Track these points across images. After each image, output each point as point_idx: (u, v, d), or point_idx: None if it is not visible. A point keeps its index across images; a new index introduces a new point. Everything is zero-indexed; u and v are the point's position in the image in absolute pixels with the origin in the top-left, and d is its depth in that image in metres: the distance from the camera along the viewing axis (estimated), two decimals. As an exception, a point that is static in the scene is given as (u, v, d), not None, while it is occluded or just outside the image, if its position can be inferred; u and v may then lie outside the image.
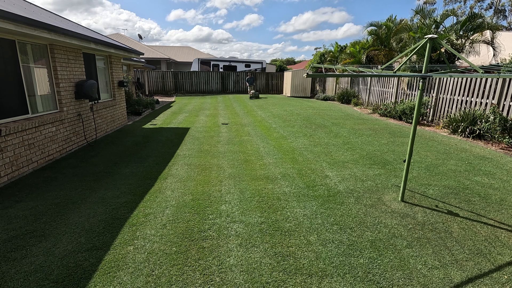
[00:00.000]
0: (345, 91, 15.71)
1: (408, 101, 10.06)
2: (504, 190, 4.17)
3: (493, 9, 30.78)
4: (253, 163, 5.39)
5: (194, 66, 24.90)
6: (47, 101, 5.71)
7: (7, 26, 3.95)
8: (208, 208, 3.59)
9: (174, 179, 4.55)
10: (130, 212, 3.45)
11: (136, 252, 2.71)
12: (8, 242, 2.85)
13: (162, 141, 7.13)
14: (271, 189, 4.17)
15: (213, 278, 2.40)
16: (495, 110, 6.98)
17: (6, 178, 4.37)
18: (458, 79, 8.42)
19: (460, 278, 2.43)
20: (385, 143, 6.80)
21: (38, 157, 5.11)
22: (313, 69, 18.59)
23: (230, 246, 2.81)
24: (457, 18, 10.87)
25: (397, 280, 2.40)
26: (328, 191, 4.11)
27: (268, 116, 11.09)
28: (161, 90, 22.38)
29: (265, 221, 3.29)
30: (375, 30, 14.92)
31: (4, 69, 4.56)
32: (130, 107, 11.63)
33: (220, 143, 6.86)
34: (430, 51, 3.27)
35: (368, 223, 3.27)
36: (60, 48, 5.88)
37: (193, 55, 32.62)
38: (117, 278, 2.38)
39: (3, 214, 3.40)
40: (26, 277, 2.38)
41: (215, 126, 9.10)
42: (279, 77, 23.89)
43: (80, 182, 4.43)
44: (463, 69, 4.78)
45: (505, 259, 2.68)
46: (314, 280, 2.38)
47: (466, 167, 5.14)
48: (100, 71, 8.12)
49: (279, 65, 30.78)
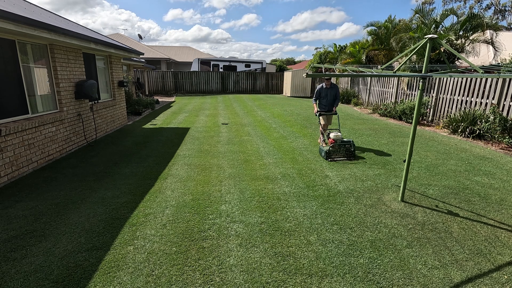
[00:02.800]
0: (345, 91, 15.71)
1: (408, 101, 10.06)
2: (504, 190, 4.17)
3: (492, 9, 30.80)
4: (253, 163, 5.39)
5: (194, 66, 24.89)
6: (47, 101, 5.71)
7: (7, 26, 3.95)
8: (208, 208, 3.59)
9: (174, 179, 4.55)
10: (130, 212, 3.45)
11: (136, 252, 2.71)
12: (8, 242, 2.85)
13: (162, 141, 7.13)
14: (271, 189, 4.17)
15: (213, 278, 2.40)
16: (495, 110, 6.98)
17: (6, 178, 4.36)
18: (458, 79, 8.42)
19: (460, 278, 2.43)
20: (385, 143, 6.80)
21: (38, 157, 5.11)
22: (313, 69, 18.61)
23: (230, 246, 2.81)
24: (457, 17, 10.86)
25: (397, 280, 2.40)
26: (328, 191, 4.11)
27: (268, 116, 11.09)
28: (161, 90, 22.37)
29: (265, 221, 3.29)
30: (374, 30, 14.92)
31: (4, 69, 4.56)
32: (130, 107, 11.63)
33: (220, 143, 6.86)
34: (430, 51, 3.27)
35: (368, 223, 3.27)
36: (60, 48, 5.88)
37: (193, 55, 32.62)
38: (117, 278, 2.38)
39: (3, 214, 3.40)
40: (26, 277, 2.38)
41: (215, 126, 9.10)
42: (279, 77, 23.89)
43: (80, 182, 4.43)
44: (463, 69, 4.78)
45: (505, 259, 2.68)
46: (314, 280, 2.38)
47: (466, 167, 5.14)
48: (100, 71, 8.12)
49: (279, 65, 30.75)
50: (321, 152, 5.67)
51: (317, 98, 6.30)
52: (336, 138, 5.61)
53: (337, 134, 5.62)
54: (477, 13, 10.11)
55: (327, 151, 5.45)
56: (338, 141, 5.59)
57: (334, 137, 5.62)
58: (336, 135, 5.61)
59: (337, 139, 5.61)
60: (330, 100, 6.22)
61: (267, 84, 23.96)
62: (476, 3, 31.03)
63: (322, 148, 5.70)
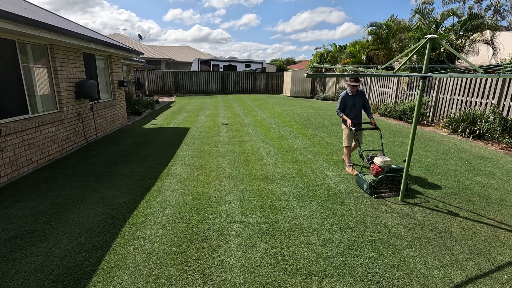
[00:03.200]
0: (345, 91, 15.69)
1: (408, 101, 10.06)
2: (504, 190, 4.17)
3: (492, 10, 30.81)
4: (253, 163, 5.39)
5: (194, 66, 24.90)
6: (47, 101, 5.71)
7: (7, 26, 3.95)
8: (208, 208, 3.59)
9: (174, 179, 4.55)
10: (130, 212, 3.45)
11: (136, 252, 2.71)
12: (8, 242, 2.85)
13: (162, 141, 7.13)
14: (271, 189, 4.17)
15: (213, 278, 2.40)
16: (495, 110, 6.98)
17: (6, 178, 4.36)
18: (458, 79, 8.42)
19: (460, 278, 2.43)
20: (385, 143, 6.80)
21: (38, 157, 5.11)
22: (313, 69, 18.60)
23: (230, 246, 2.81)
24: (458, 18, 10.87)
25: (397, 280, 2.40)
26: (328, 191, 4.11)
27: (268, 116, 11.09)
28: (161, 90, 22.37)
29: (265, 221, 3.29)
30: (375, 30, 14.92)
31: (4, 69, 4.56)
32: (130, 107, 11.63)
33: (220, 143, 6.86)
34: (430, 51, 3.27)
35: (368, 223, 3.27)
36: (60, 48, 5.88)
37: (193, 55, 32.62)
38: (117, 278, 2.38)
39: (3, 214, 3.40)
40: (26, 277, 2.38)
41: (215, 126, 9.10)
42: (279, 77, 23.89)
43: (80, 182, 4.43)
44: (463, 69, 4.78)
45: (505, 259, 2.68)
46: (314, 280, 2.38)
47: (466, 167, 5.14)
48: (100, 71, 8.12)
49: (279, 65, 30.77)
50: (362, 183, 4.14)
51: (343, 109, 4.91)
52: (384, 165, 4.01)
53: (386, 160, 4.02)
54: (477, 13, 10.13)
55: (372, 184, 3.93)
56: (386, 168, 4.05)
57: (382, 163, 4.01)
58: (384, 160, 4.02)
59: (386, 166, 4.03)
60: (359, 110, 4.95)
61: (267, 84, 23.96)
62: (475, 3, 31.04)
63: (362, 178, 4.11)
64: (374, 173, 4.09)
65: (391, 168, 4.11)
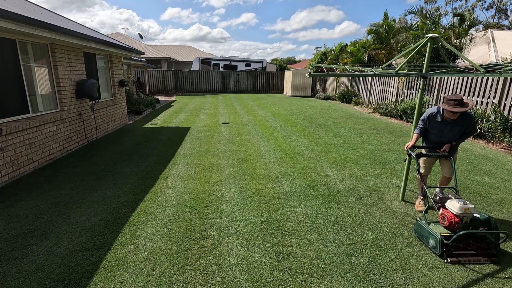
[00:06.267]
0: (346, 91, 15.69)
1: (409, 101, 10.05)
2: (505, 190, 4.16)
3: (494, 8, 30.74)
4: (254, 162, 5.39)
5: (194, 66, 24.89)
6: (47, 101, 5.72)
7: (8, 26, 3.95)
8: (208, 207, 3.59)
9: (175, 178, 4.56)
10: (131, 211, 3.46)
11: (136, 251, 2.71)
12: (9, 241, 2.85)
13: (163, 140, 7.13)
14: (271, 189, 4.17)
15: (213, 277, 2.40)
16: (496, 110, 6.96)
17: (7, 177, 4.37)
18: (459, 78, 8.40)
19: (460, 278, 2.43)
20: (385, 142, 6.79)
21: (39, 156, 5.12)
22: (314, 68, 18.58)
23: (230, 245, 2.81)
24: (459, 17, 10.84)
25: (397, 280, 2.40)
26: (329, 191, 4.11)
27: (268, 115, 11.08)
28: (162, 90, 22.37)
29: (266, 220, 3.29)
30: (375, 29, 14.89)
31: (5, 68, 4.56)
32: (131, 107, 11.64)
33: (220, 143, 6.86)
34: (431, 50, 3.26)
35: (369, 222, 3.26)
36: (60, 48, 5.88)
37: (194, 54, 32.61)
38: (118, 277, 2.39)
39: (4, 213, 3.40)
40: (27, 276, 2.39)
41: (216, 126, 9.10)
42: (279, 77, 23.86)
43: (81, 181, 4.43)
44: (464, 68, 4.77)
45: (505, 258, 2.67)
46: (314, 280, 2.38)
47: (467, 166, 5.13)
48: (101, 70, 8.12)
49: (280, 64, 30.70)
50: (428, 238, 2.77)
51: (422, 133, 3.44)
52: (464, 213, 2.64)
53: (468, 207, 2.63)
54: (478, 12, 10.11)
55: (444, 242, 2.62)
56: (466, 219, 2.70)
57: (461, 211, 2.63)
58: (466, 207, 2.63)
59: (466, 215, 2.66)
60: (449, 137, 3.27)
61: (267, 83, 23.93)
62: (477, 2, 30.97)
63: (428, 230, 2.77)
64: (446, 224, 2.73)
65: (474, 217, 2.74)
